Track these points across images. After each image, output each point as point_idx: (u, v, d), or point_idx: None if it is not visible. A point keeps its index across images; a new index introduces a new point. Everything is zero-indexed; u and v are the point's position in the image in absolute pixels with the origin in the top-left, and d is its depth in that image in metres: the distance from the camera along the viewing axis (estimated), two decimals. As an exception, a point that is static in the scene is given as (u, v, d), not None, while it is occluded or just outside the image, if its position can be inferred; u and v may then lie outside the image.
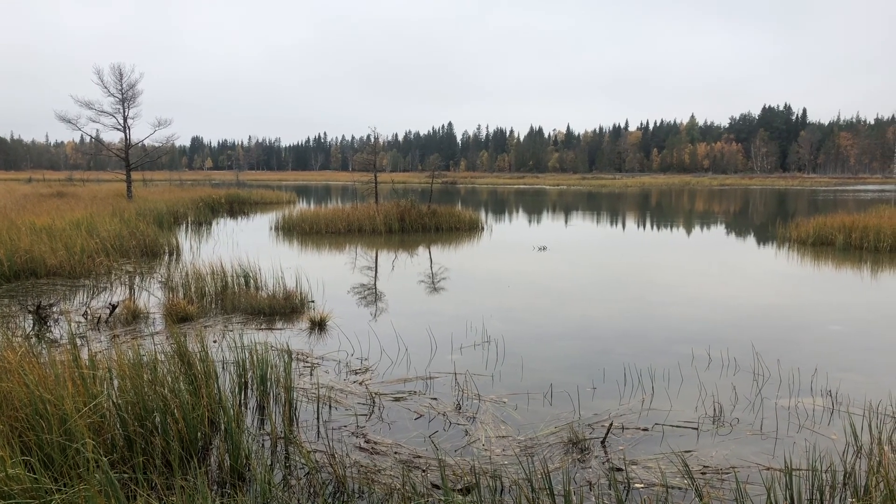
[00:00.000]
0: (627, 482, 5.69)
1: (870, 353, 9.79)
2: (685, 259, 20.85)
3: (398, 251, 22.06)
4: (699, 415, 7.35)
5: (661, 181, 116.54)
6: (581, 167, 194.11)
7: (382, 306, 13.15)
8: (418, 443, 6.51)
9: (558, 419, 7.15)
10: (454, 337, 10.45)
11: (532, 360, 9.36)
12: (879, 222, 22.69)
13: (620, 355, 9.55)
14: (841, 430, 6.82)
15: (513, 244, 24.51)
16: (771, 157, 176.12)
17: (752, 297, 14.15)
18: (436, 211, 29.02)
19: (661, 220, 38.48)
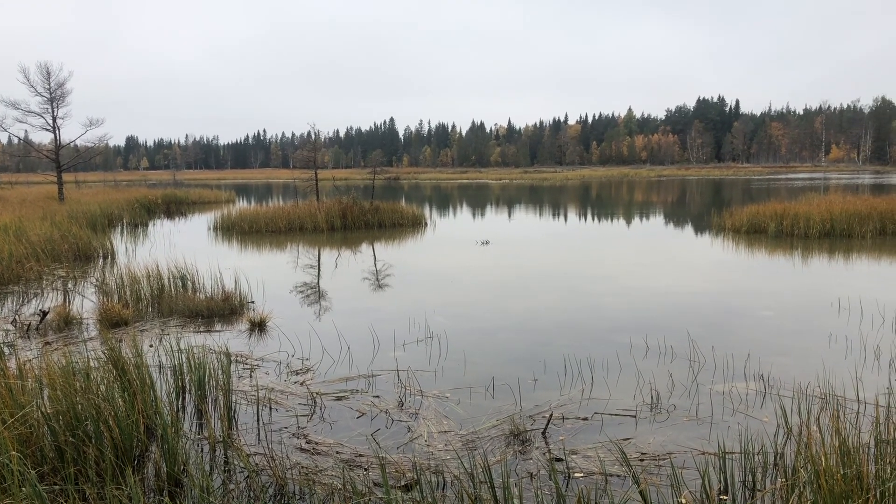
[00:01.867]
0: (567, 472, 5.77)
1: (799, 337, 10.13)
2: (625, 250, 21.23)
3: (341, 249, 21.91)
4: (637, 402, 7.49)
5: (600, 173, 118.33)
6: (523, 161, 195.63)
7: (325, 305, 13.05)
8: (360, 441, 6.48)
9: (500, 412, 7.20)
10: (397, 334, 10.43)
11: (475, 354, 9.40)
12: (809, 210, 23.48)
13: (561, 347, 9.67)
14: (772, 412, 7.03)
15: (456, 239, 24.58)
16: (706, 148, 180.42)
17: (689, 286, 14.49)
18: (378, 207, 28.91)
19: (602, 212, 39.10)
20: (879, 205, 23.56)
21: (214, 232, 27.04)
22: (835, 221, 22.29)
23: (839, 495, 4.24)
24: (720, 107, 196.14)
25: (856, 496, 4.27)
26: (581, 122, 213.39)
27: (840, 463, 4.82)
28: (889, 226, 22.22)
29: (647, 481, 5.35)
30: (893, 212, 22.64)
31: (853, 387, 7.52)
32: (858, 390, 7.38)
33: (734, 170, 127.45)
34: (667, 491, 5.33)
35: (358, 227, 27.49)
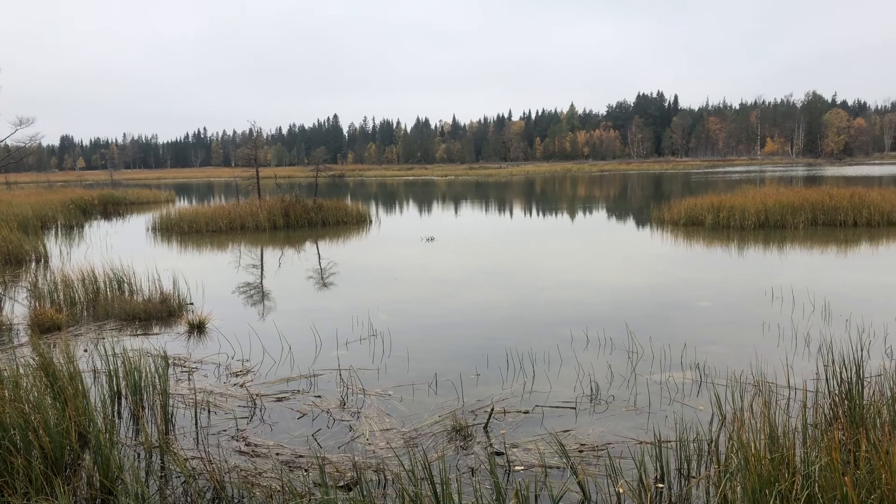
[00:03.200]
0: (508, 465, 5.81)
1: (734, 327, 10.40)
2: (568, 244, 21.49)
3: (284, 248, 21.67)
4: (578, 394, 7.59)
5: (544, 169, 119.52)
6: (468, 157, 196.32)
7: (266, 305, 12.89)
8: (301, 442, 6.42)
9: (443, 408, 7.21)
10: (340, 332, 10.36)
11: (418, 351, 9.40)
12: (744, 202, 24.13)
13: (504, 341, 9.73)
14: (707, 400, 7.20)
15: (401, 236, 24.54)
16: (646, 143, 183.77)
17: (629, 278, 14.75)
18: (322, 205, 28.66)
19: (546, 207, 39.50)
20: (811, 196, 24.35)
21: (153, 233, 26.45)
22: (769, 213, 22.95)
23: (766, 479, 4.36)
24: (659, 102, 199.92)
25: (783, 479, 4.40)
26: (525, 119, 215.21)
27: (769, 448, 4.97)
28: (820, 216, 22.99)
29: (585, 472, 5.43)
30: (824, 203, 23.43)
31: (784, 374, 7.74)
32: (789, 377, 7.61)
33: (673, 164, 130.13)
34: (605, 481, 5.41)
35: (301, 226, 27.21)
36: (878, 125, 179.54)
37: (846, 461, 4.67)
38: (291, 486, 5.14)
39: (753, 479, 4.33)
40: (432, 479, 5.02)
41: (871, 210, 22.73)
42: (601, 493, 5.22)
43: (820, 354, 8.62)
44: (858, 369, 6.68)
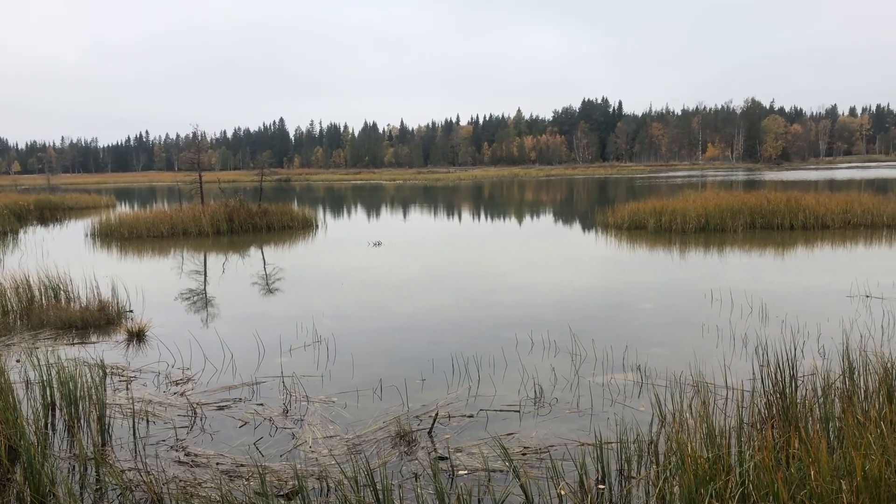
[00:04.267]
0: (452, 470, 5.81)
1: (675, 328, 10.61)
2: (514, 248, 21.65)
3: (228, 253, 21.34)
4: (522, 397, 7.64)
5: (492, 173, 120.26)
6: (416, 161, 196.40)
7: (209, 312, 12.67)
8: (242, 451, 6.31)
9: (387, 414, 7.18)
10: (284, 339, 10.23)
11: (363, 356, 9.35)
12: (686, 206, 24.65)
13: (449, 345, 9.74)
14: (648, 401, 7.32)
15: (348, 241, 24.39)
16: (591, 148, 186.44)
17: (573, 281, 14.93)
18: (267, 210, 28.31)
19: (493, 211, 39.75)
20: (749, 200, 25.01)
21: (92, 239, 25.75)
22: (709, 217, 23.49)
23: (702, 478, 4.46)
24: (604, 108, 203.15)
25: (718, 478, 4.50)
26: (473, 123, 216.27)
27: (705, 447, 5.08)
28: (758, 220, 23.62)
29: (528, 475, 5.46)
30: (762, 207, 24.08)
31: (722, 374, 7.92)
32: (727, 377, 7.79)
33: (618, 168, 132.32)
34: (547, 483, 5.46)
35: (245, 231, 26.83)
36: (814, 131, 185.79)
37: (779, 459, 4.79)
38: (231, 496, 5.05)
39: (689, 479, 4.42)
40: (374, 485, 4.99)
41: (807, 214, 23.47)
42: (543, 496, 5.25)
43: (756, 354, 8.84)
44: (792, 369, 6.88)
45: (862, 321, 10.38)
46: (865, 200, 25.18)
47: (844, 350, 7.45)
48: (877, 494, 4.07)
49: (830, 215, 23.54)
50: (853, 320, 10.41)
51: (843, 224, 23.42)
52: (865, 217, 23.70)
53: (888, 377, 6.39)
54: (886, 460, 4.36)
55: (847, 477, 4.21)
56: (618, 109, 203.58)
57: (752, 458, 4.63)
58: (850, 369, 6.83)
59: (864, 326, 10.02)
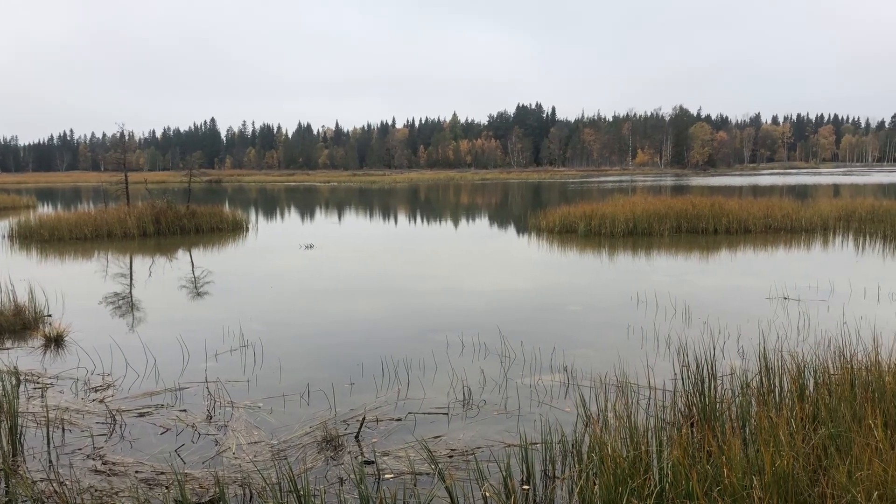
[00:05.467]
0: (378, 474, 5.78)
1: (601, 329, 10.81)
2: (448, 251, 21.71)
3: (155, 256, 20.78)
4: (450, 400, 7.66)
5: (428, 177, 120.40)
6: (351, 164, 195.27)
7: (134, 316, 12.31)
8: (163, 459, 6.15)
9: (314, 419, 7.10)
10: (209, 344, 10.02)
11: (291, 361, 9.22)
12: (614, 210, 25.15)
13: (379, 349, 9.70)
14: (574, 402, 7.43)
15: (279, 243, 24.06)
16: (526, 153, 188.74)
17: (505, 284, 15.05)
18: (196, 211, 27.69)
19: (428, 214, 39.79)
20: (675, 205, 25.69)
21: (10, 241, 24.71)
22: (637, 221, 24.03)
23: (621, 477, 4.54)
24: (538, 113, 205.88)
25: (637, 476, 4.59)
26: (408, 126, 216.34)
27: (627, 446, 5.18)
28: (684, 224, 24.29)
29: (453, 477, 5.48)
30: (687, 212, 24.76)
31: (645, 374, 8.10)
32: (650, 377, 7.96)
33: (551, 173, 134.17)
34: (473, 485, 5.48)
35: (173, 233, 26.18)
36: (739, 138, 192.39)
37: (697, 457, 4.92)
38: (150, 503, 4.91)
39: (608, 478, 4.50)
40: (297, 491, 4.92)
41: (730, 218, 24.23)
42: (468, 498, 5.27)
43: (679, 355, 9.07)
44: (711, 369, 7.08)
45: (779, 322, 10.76)
46: (785, 206, 26.18)
47: (761, 350, 7.71)
48: (785, 490, 4.22)
49: (752, 220, 24.36)
50: (771, 321, 10.79)
51: (765, 228, 24.27)
52: (785, 222, 24.62)
53: (801, 376, 6.64)
54: (795, 457, 4.53)
55: (758, 474, 4.35)
56: (551, 115, 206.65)
57: (670, 456, 4.74)
58: (767, 369, 7.07)
59: (781, 327, 10.40)
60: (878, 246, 20.52)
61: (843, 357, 7.02)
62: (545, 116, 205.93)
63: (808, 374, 6.76)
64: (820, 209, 26.77)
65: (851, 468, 4.39)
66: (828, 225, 25.01)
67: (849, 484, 4.17)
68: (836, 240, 22.17)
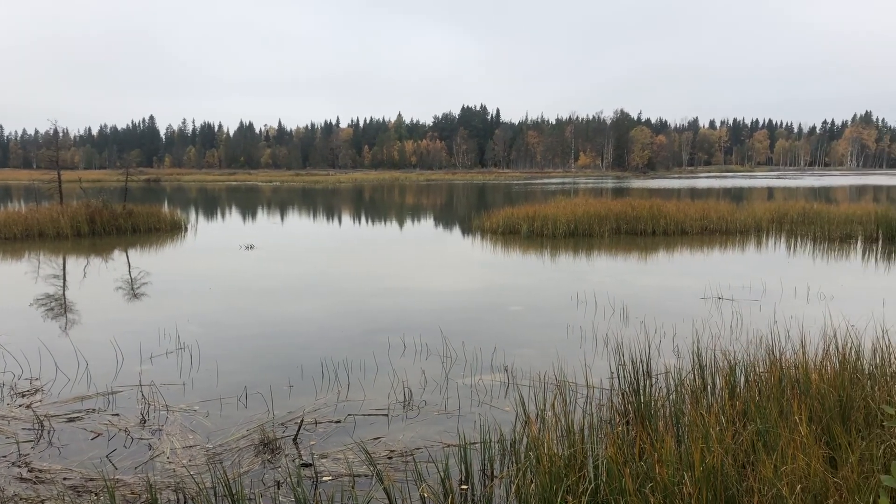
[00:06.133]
0: (316, 476, 5.73)
1: (542, 329, 10.92)
2: (391, 252, 21.65)
3: (90, 256, 20.20)
4: (391, 401, 7.63)
5: (372, 177, 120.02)
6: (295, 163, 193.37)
7: (66, 319, 11.94)
8: (94, 465, 5.98)
9: (251, 422, 7.00)
10: (144, 346, 9.79)
11: (228, 363, 9.07)
12: (557, 212, 25.47)
13: (320, 350, 9.62)
14: (513, 401, 7.49)
15: (219, 244, 23.64)
16: (471, 154, 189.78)
17: (447, 285, 15.09)
18: (132, 211, 27.02)
19: (373, 215, 39.63)
20: (615, 207, 26.15)
21: (-66, 240, 23.73)
22: (578, 222, 24.38)
23: (556, 475, 4.60)
24: (483, 115, 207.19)
25: (573, 473, 4.66)
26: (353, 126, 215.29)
27: (563, 445, 5.25)
28: (623, 226, 24.74)
29: (391, 478, 5.46)
30: (627, 213, 25.23)
31: (584, 373, 8.22)
32: (588, 376, 8.08)
33: (496, 175, 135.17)
34: (411, 485, 5.47)
35: (109, 233, 25.49)
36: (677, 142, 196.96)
37: (630, 454, 5.01)
38: (76, 513, 4.77)
39: (544, 476, 4.55)
40: (232, 495, 4.84)
41: (668, 220, 24.77)
42: (406, 499, 5.26)
43: (617, 354, 9.22)
44: (647, 367, 7.23)
45: (713, 321, 11.04)
46: (721, 208, 26.90)
47: (695, 349, 7.90)
48: (714, 485, 4.32)
49: (689, 222, 24.96)
50: (706, 321, 11.06)
51: (701, 230, 24.89)
52: (721, 224, 25.28)
53: (732, 374, 6.82)
54: (725, 452, 4.65)
55: (689, 469, 4.45)
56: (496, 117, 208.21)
57: (605, 454, 4.82)
58: (700, 367, 7.24)
59: (716, 326, 10.66)
60: (809, 247, 21.23)
61: (773, 355, 7.24)
62: (490, 118, 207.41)
63: (739, 372, 6.94)
64: (754, 212, 27.59)
65: (777, 462, 4.53)
66: (761, 227, 25.77)
67: (774, 478, 4.30)
68: (769, 241, 22.86)
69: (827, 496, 4.20)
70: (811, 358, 6.93)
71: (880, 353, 6.85)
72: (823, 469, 4.39)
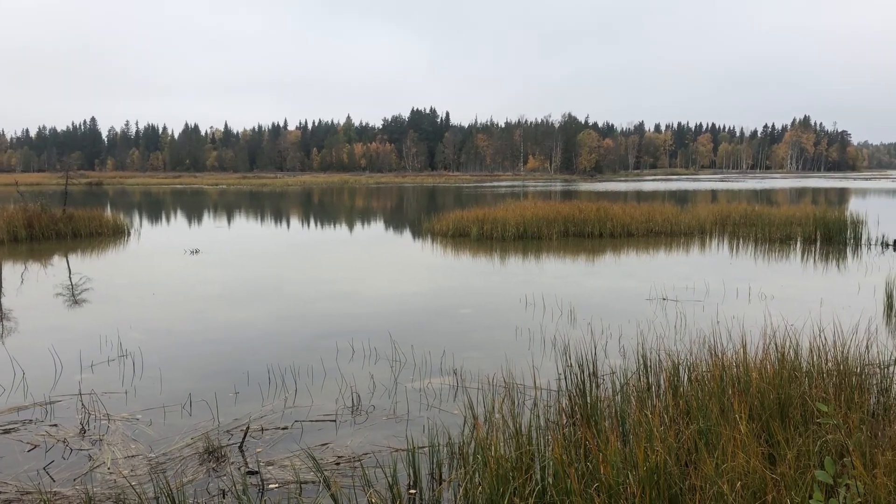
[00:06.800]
0: (262, 484, 5.65)
1: (491, 332, 10.97)
2: (340, 255, 21.51)
3: (28, 262, 19.59)
4: (339, 407, 7.57)
5: (321, 180, 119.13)
6: (241, 166, 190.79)
7: (2, 326, 11.55)
8: (29, 478, 5.79)
9: (196, 430, 6.87)
10: (85, 354, 9.53)
11: (172, 370, 8.89)
12: (506, 215, 25.64)
13: (266, 356, 9.49)
14: (462, 405, 7.49)
15: (163, 248, 23.16)
16: (420, 157, 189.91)
17: (397, 288, 15.05)
18: (73, 215, 26.30)
19: (322, 218, 39.33)
20: (563, 210, 26.45)
21: None
22: (527, 225, 24.57)
23: (503, 477, 4.62)
24: (433, 118, 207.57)
25: (519, 475, 4.68)
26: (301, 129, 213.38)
27: (510, 447, 5.27)
28: (571, 228, 25.02)
29: (339, 485, 5.42)
30: (574, 216, 25.54)
31: (531, 375, 8.27)
32: (536, 378, 8.14)
33: (446, 177, 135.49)
34: (359, 491, 5.44)
35: (48, 238, 24.74)
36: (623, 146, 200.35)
37: (576, 455, 5.06)
38: (10, 528, 4.61)
39: (491, 476, 4.56)
40: None
41: (614, 223, 25.15)
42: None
43: (565, 355, 9.31)
44: (593, 368, 7.32)
45: (658, 322, 11.24)
46: (666, 211, 27.43)
47: (640, 349, 8.03)
48: (657, 484, 4.40)
49: (635, 224, 25.38)
50: (650, 321, 11.26)
51: (646, 232, 25.33)
52: (666, 226, 25.77)
53: (675, 374, 6.95)
54: (668, 451, 4.73)
55: (633, 469, 4.52)
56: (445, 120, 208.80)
57: (551, 455, 4.86)
58: (645, 367, 7.36)
59: (660, 326, 10.86)
60: (750, 248, 21.79)
61: (715, 355, 7.39)
62: (440, 121, 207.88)
63: (682, 372, 7.07)
64: (698, 214, 28.19)
65: (719, 460, 4.63)
66: (705, 229, 26.34)
67: (716, 476, 4.39)
68: (712, 243, 23.39)
69: (765, 492, 4.31)
70: (752, 357, 7.10)
71: (817, 352, 7.05)
72: (762, 466, 4.49)
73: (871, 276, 15.77)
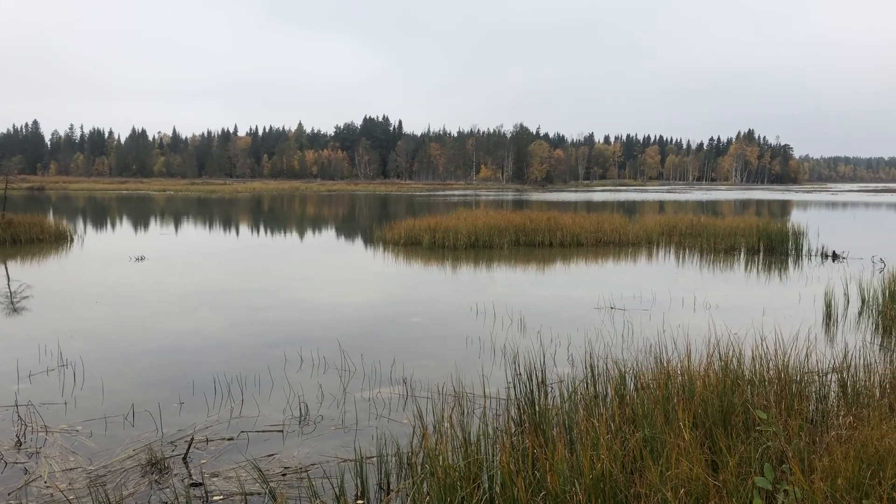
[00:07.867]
0: (206, 496, 5.54)
1: (441, 340, 10.96)
2: (291, 264, 21.29)
3: (-38, 269, 18.92)
4: (287, 417, 7.48)
5: (272, 187, 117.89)
6: (190, 172, 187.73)
7: (-68, 335, 11.13)
8: (-39, 493, 5.58)
9: (139, 441, 6.70)
10: (22, 363, 9.23)
11: (114, 381, 8.67)
12: (458, 223, 25.71)
13: (212, 366, 9.32)
14: (412, 414, 7.47)
15: (107, 255, 22.61)
16: (373, 165, 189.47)
17: (347, 296, 14.96)
18: (12, 221, 25.52)
19: (272, 225, 38.88)
20: (514, 219, 26.65)
21: None
22: (478, 234, 24.69)
23: (451, 486, 4.61)
24: (385, 126, 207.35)
25: (467, 484, 4.68)
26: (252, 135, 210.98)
27: (458, 456, 5.27)
28: (521, 237, 25.22)
29: (285, 496, 5.35)
30: (525, 226, 25.76)
31: (481, 384, 8.29)
32: (485, 387, 8.16)
33: (398, 186, 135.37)
34: (305, 503, 5.37)
35: (-14, 244, 23.97)
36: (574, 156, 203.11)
37: (523, 464, 5.08)
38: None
39: (439, 485, 4.55)
40: (115, 520, 4.62)
41: (564, 232, 25.43)
42: (300, 517, 5.16)
43: (514, 364, 9.35)
44: (542, 377, 7.37)
45: (606, 331, 11.38)
46: (615, 221, 27.84)
47: (588, 358, 8.11)
48: (603, 492, 4.44)
49: (585, 234, 25.71)
50: (598, 330, 11.39)
51: (595, 242, 25.66)
52: (614, 236, 26.15)
53: (622, 382, 7.03)
54: (613, 459, 4.79)
55: (580, 477, 4.56)
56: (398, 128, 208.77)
57: (499, 464, 4.87)
58: (593, 376, 7.44)
59: (608, 335, 10.99)
60: (696, 259, 22.24)
61: (660, 363, 7.52)
62: (392, 129, 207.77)
63: (629, 380, 7.17)
64: (645, 224, 28.68)
65: (663, 468, 4.70)
66: (652, 239, 26.80)
67: (660, 483, 4.45)
68: (659, 253, 23.81)
69: (708, 499, 4.38)
70: (696, 365, 7.23)
71: (759, 360, 7.22)
72: (705, 473, 4.58)
73: (812, 286, 16.24)
